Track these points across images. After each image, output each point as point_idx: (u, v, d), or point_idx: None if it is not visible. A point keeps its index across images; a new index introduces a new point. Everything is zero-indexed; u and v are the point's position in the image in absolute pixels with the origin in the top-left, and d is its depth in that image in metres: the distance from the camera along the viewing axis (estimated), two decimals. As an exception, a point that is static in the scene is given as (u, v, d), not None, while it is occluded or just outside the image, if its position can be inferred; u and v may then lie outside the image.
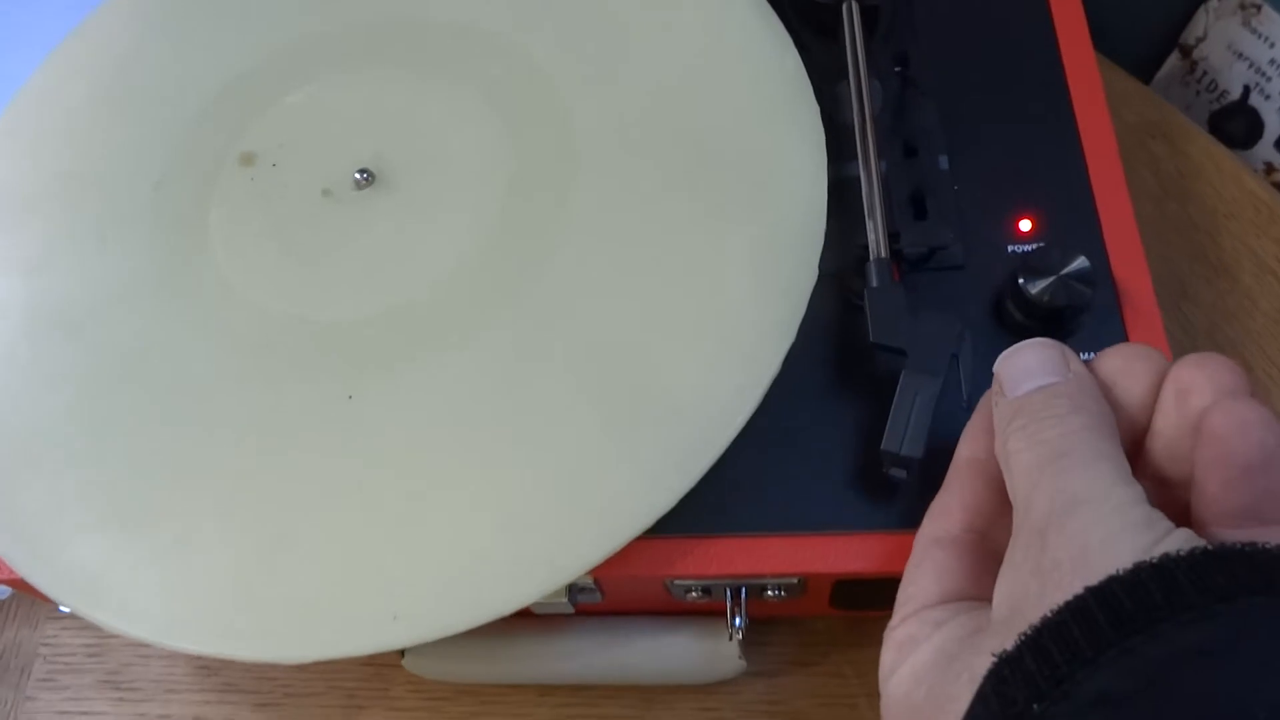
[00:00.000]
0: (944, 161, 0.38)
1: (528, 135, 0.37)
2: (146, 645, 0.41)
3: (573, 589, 0.34)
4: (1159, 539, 0.21)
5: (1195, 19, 0.55)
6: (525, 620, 0.36)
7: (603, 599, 0.35)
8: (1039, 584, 0.22)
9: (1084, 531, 0.22)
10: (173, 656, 0.43)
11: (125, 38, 0.43)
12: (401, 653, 0.38)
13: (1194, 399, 0.24)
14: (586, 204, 0.35)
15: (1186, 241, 0.45)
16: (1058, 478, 0.23)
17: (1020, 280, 0.34)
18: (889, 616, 0.28)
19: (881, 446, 0.30)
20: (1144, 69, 0.57)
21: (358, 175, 0.38)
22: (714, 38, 0.38)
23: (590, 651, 0.36)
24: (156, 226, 0.38)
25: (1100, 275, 0.35)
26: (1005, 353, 0.27)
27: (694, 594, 0.34)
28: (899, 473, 0.31)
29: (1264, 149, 0.53)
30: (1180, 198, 0.46)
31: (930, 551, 0.27)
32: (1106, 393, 0.26)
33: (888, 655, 0.27)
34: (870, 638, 0.39)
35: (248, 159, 0.39)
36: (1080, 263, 0.33)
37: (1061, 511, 0.23)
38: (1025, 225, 0.37)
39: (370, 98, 0.40)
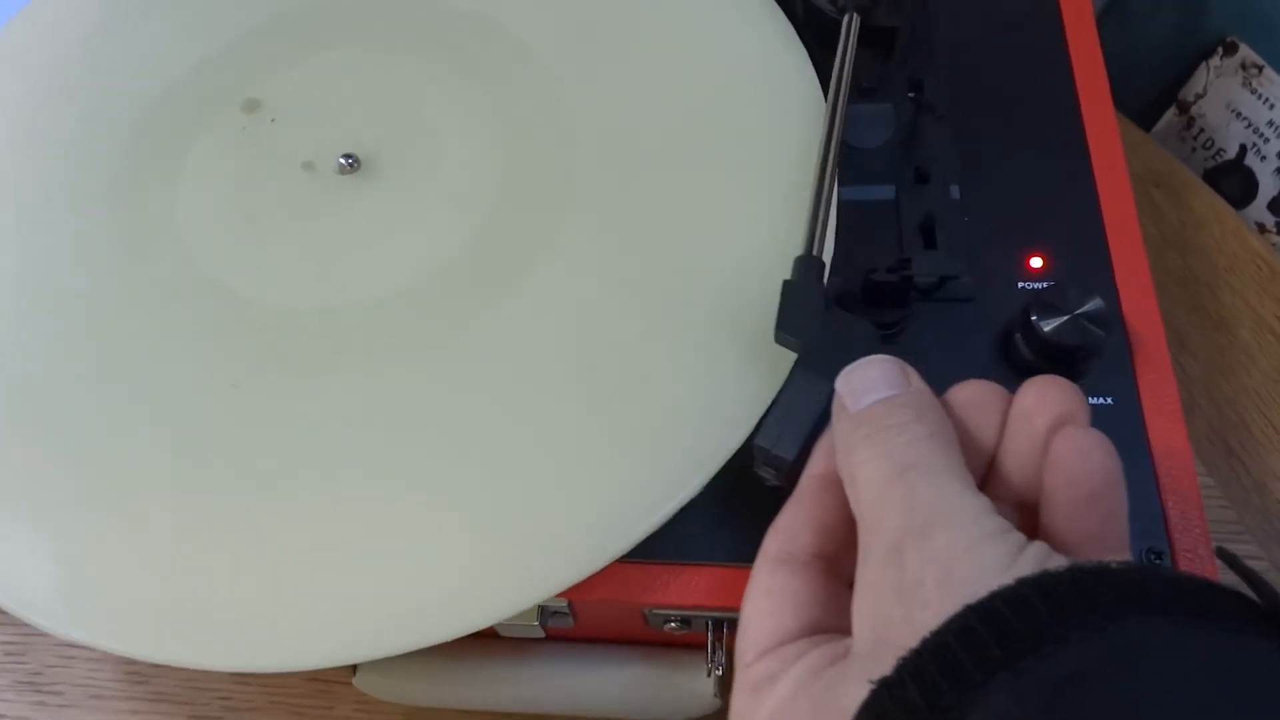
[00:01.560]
0: (955, 191, 0.36)
1: (525, 137, 0.36)
2: (75, 645, 0.38)
3: (544, 611, 0.32)
4: (1017, 551, 0.21)
5: (1195, 76, 0.55)
6: (488, 642, 0.34)
7: (574, 624, 0.33)
8: (903, 606, 0.21)
9: (945, 547, 0.21)
10: (100, 660, 0.40)
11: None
12: (353, 669, 0.36)
13: (1037, 420, 0.24)
14: (576, 225, 0.34)
15: (1186, 293, 0.44)
16: (908, 492, 0.22)
17: (1033, 317, 0.32)
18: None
19: (755, 441, 0.28)
20: (1140, 122, 0.57)
21: (343, 160, 0.36)
22: (726, 44, 0.37)
23: (555, 678, 0.34)
24: (131, 156, 0.36)
25: (1111, 318, 0.34)
26: (846, 369, 0.26)
27: (673, 624, 0.32)
28: (768, 473, 0.28)
29: (1257, 210, 0.53)
30: (1181, 249, 0.45)
31: (780, 578, 0.25)
32: (960, 423, 0.25)
33: (742, 698, 0.24)
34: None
35: (252, 105, 0.36)
36: (1095, 304, 0.32)
37: (918, 528, 0.21)
38: (1036, 262, 0.36)
39: (379, 80, 0.38)
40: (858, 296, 0.34)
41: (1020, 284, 0.35)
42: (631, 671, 0.34)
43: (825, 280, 0.31)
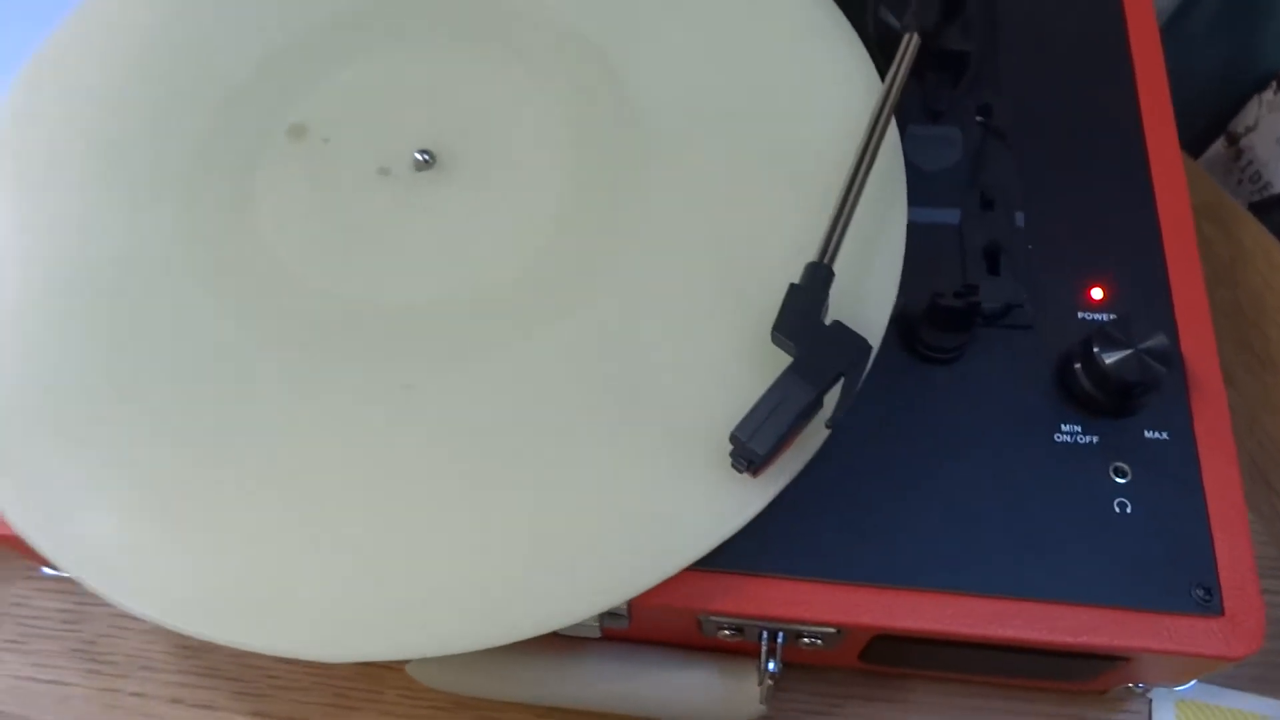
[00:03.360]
0: (1020, 218, 0.37)
1: (593, 130, 0.36)
2: (134, 618, 0.39)
3: (604, 614, 0.32)
4: None
5: (1247, 108, 0.56)
6: (541, 638, 0.35)
7: (629, 626, 0.34)
8: None
9: None
10: (153, 631, 0.41)
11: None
12: (405, 657, 0.37)
13: None
14: (654, 203, 0.34)
15: (1233, 328, 0.45)
16: None
17: (1095, 349, 0.33)
18: (911, 675, 0.26)
19: (733, 430, 0.29)
20: (1189, 151, 0.57)
21: (418, 156, 0.36)
22: (793, 51, 0.37)
23: (607, 678, 0.35)
24: (194, 196, 0.36)
25: (1173, 354, 0.34)
26: None
27: (726, 632, 0.33)
28: (741, 464, 0.29)
29: (1301, 245, 0.53)
30: (1230, 284, 0.46)
31: None
32: None
33: None
34: (887, 694, 0.39)
35: (297, 131, 0.37)
36: (1159, 340, 0.33)
37: None
38: (1097, 294, 0.36)
39: (428, 77, 0.38)
40: (920, 317, 0.35)
41: (1080, 314, 0.36)
42: (683, 676, 0.35)
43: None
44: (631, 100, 0.37)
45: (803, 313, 0.30)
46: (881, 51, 0.40)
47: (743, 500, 0.29)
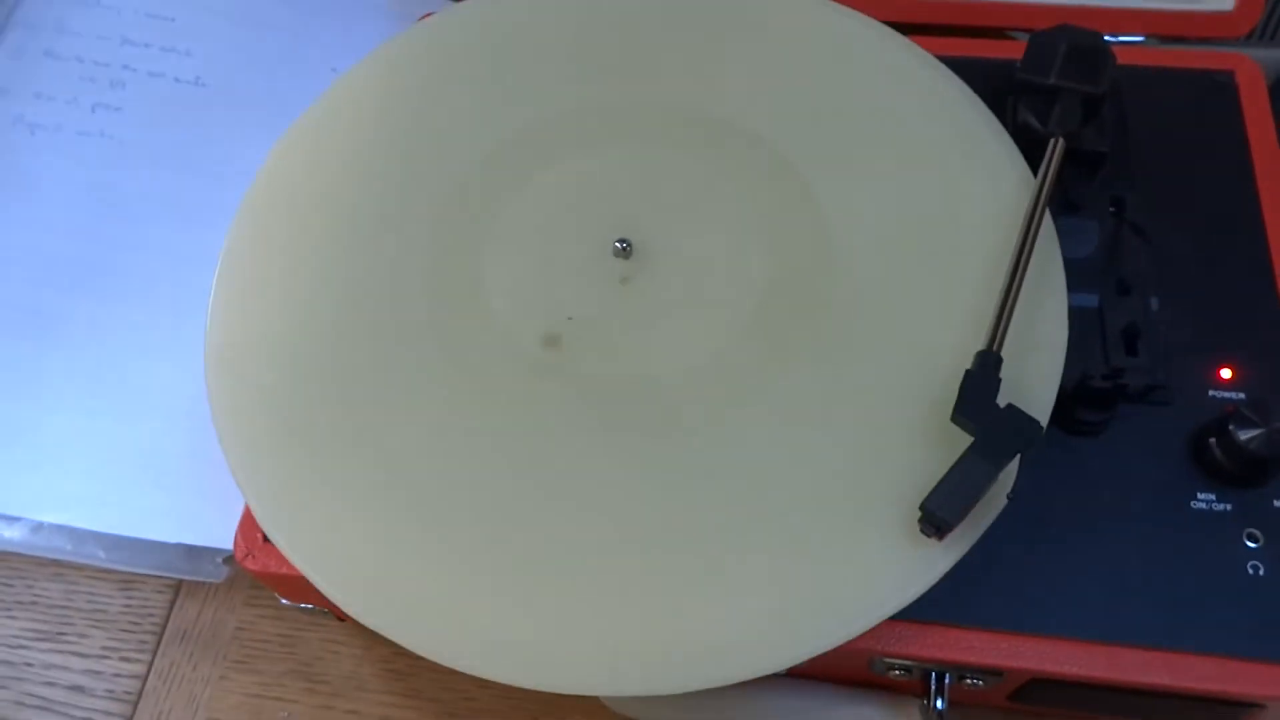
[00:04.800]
0: (1155, 303, 0.41)
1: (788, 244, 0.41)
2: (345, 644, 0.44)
3: (796, 654, 0.37)
4: None
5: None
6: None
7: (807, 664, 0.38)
8: None
9: None
10: (363, 655, 0.46)
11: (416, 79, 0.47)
12: (601, 686, 0.41)
13: None
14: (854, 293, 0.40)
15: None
16: None
17: (1231, 426, 0.37)
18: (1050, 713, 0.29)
19: (921, 502, 0.33)
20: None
21: (617, 244, 0.41)
22: (960, 161, 0.42)
23: (784, 713, 0.39)
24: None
25: (1298, 432, 0.38)
26: None
27: (897, 672, 0.38)
28: (930, 530, 0.33)
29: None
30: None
31: None
32: None
33: None
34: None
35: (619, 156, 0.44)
36: (1290, 420, 0.37)
37: None
38: (1226, 373, 0.40)
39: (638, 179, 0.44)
40: (1071, 395, 0.39)
41: (1211, 392, 0.40)
42: (854, 710, 0.39)
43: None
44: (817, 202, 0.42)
45: (978, 397, 0.35)
46: (1021, 148, 0.44)
47: (931, 562, 0.34)
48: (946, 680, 0.37)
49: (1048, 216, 0.40)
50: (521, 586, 0.35)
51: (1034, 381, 0.36)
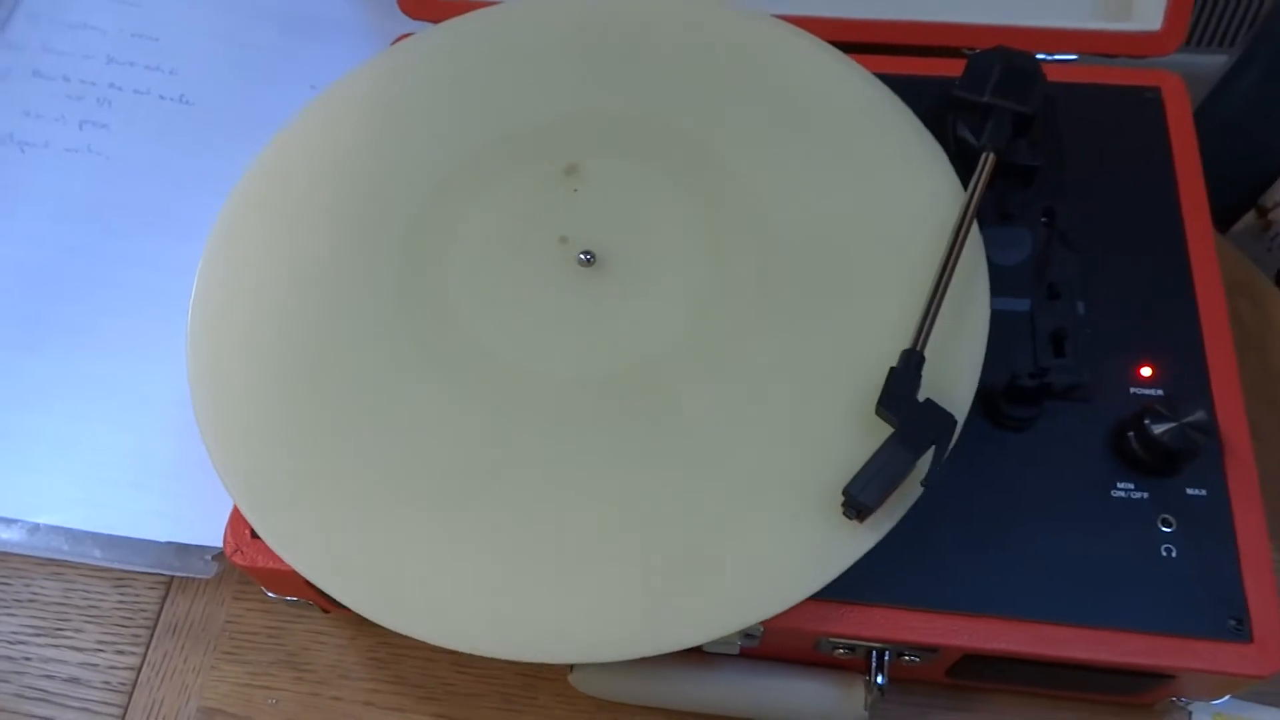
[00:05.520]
0: (1081, 307, 0.44)
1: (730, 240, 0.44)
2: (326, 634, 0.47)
3: (744, 633, 0.40)
4: None
5: (1276, 185, 0.62)
6: (687, 655, 0.42)
7: (759, 644, 0.41)
8: None
9: None
10: (347, 645, 0.49)
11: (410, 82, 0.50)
12: (570, 667, 0.44)
13: None
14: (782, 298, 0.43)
15: (1261, 389, 0.51)
16: None
17: (1146, 421, 0.40)
18: (986, 688, 0.32)
19: (845, 486, 0.36)
20: (1219, 222, 0.64)
21: (581, 256, 0.44)
22: (892, 170, 0.45)
23: (738, 687, 0.42)
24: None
25: (1210, 427, 0.41)
26: None
27: (841, 650, 0.41)
28: (851, 513, 0.36)
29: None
30: (1259, 349, 0.53)
31: None
32: None
33: None
34: (966, 704, 0.46)
35: (572, 169, 0.47)
36: (1199, 415, 0.40)
37: None
38: (1146, 371, 0.43)
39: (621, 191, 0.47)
40: (1000, 392, 0.42)
41: (1132, 389, 0.43)
42: (801, 686, 0.42)
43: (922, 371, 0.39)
44: (759, 209, 0.45)
45: (901, 391, 0.38)
46: (960, 161, 0.47)
47: (855, 541, 0.37)
48: (886, 658, 0.40)
49: (975, 227, 0.43)
50: (491, 566, 0.38)
51: (955, 378, 0.39)
